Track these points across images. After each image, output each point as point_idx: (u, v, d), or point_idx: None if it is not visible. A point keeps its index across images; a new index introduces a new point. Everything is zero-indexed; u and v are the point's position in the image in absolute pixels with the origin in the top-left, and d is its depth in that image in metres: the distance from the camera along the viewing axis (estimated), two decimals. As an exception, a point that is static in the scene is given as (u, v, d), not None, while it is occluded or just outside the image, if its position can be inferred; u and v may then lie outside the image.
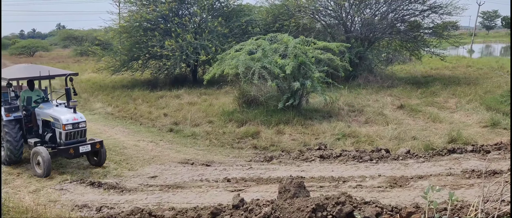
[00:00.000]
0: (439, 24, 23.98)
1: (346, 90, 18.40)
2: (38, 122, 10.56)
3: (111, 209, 7.39)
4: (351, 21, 24.06)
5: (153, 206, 7.21)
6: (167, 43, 22.16)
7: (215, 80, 18.54)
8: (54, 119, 10.01)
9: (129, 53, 23.93)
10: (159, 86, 23.56)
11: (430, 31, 24.58)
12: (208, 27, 23.46)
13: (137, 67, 24.90)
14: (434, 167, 8.94)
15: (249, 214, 5.77)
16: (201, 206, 6.51)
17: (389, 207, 5.62)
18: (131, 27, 24.03)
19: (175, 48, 22.08)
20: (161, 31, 23.45)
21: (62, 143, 9.90)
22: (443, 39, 24.45)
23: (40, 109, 10.55)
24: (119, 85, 24.34)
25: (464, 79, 22.46)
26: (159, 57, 23.34)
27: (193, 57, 22.20)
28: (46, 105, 10.64)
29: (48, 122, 10.31)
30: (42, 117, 10.43)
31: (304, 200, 5.87)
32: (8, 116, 10.24)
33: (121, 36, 24.93)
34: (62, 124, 9.81)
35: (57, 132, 10.01)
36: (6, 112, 10.24)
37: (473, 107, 15.51)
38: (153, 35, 23.15)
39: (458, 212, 5.26)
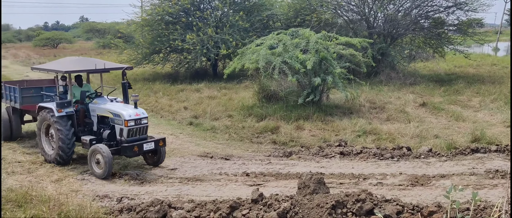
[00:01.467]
0: (464, 21, 23.48)
1: (368, 87, 18.21)
2: (92, 118, 10.03)
3: (132, 200, 7.47)
4: (374, 17, 23.77)
5: (172, 198, 7.26)
6: (188, 37, 22.26)
7: (235, 75, 18.55)
8: (114, 114, 9.46)
9: (150, 46, 24.12)
10: (180, 79, 23.71)
11: (454, 28, 24.10)
12: (229, 21, 23.47)
13: (158, 60, 25.09)
14: (456, 166, 8.78)
15: (268, 209, 5.75)
16: (220, 199, 6.53)
17: (410, 205, 5.54)
18: (153, 21, 24.21)
19: (196, 42, 22.17)
20: (183, 24, 23.56)
21: (124, 140, 9.29)
22: (468, 36, 23.95)
23: (95, 104, 10.00)
24: (140, 78, 24.57)
25: (488, 78, 22.00)
26: (180, 51, 23.47)
27: (214, 51, 22.26)
28: (101, 100, 10.14)
29: (105, 118, 9.81)
30: (99, 112, 9.88)
31: (324, 196, 5.84)
32: (60, 112, 9.69)
33: (143, 29, 25.14)
34: (124, 120, 9.21)
35: (117, 128, 9.45)
36: (58, 107, 9.68)
37: (497, 106, 15.18)
38: (174, 29, 23.28)
39: (481, 212, 5.16)
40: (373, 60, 18.81)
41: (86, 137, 9.74)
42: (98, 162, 9.08)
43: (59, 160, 9.77)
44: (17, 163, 10.04)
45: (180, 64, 25.06)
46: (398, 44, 24.62)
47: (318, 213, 5.45)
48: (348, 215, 5.37)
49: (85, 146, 9.72)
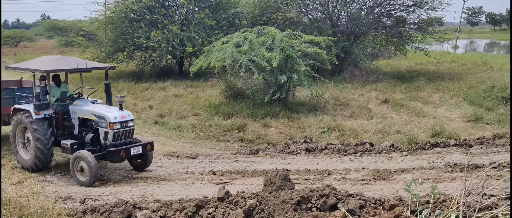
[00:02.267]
0: (424, 19, 24.18)
1: (332, 85, 18.50)
2: (73, 121, 9.43)
3: (95, 201, 7.35)
4: (337, 15, 24.14)
5: (137, 198, 7.19)
6: (153, 35, 22.00)
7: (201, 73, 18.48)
8: (98, 116, 8.91)
9: (114, 45, 23.72)
10: (145, 78, 23.41)
11: (415, 26, 24.78)
12: (195, 19, 23.34)
13: (122, 58, 24.70)
14: (417, 161, 9.05)
15: (234, 206, 5.77)
16: (186, 198, 6.51)
17: (372, 199, 5.67)
18: (117, 18, 23.81)
19: (161, 40, 21.93)
20: (147, 22, 23.27)
21: (109, 144, 8.78)
22: (428, 34, 24.67)
23: (76, 106, 9.39)
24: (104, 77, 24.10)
25: (448, 75, 22.72)
26: (145, 48, 23.17)
27: (180, 49, 22.09)
28: (82, 102, 9.53)
29: (87, 121, 9.25)
30: (80, 114, 9.27)
31: (289, 192, 5.90)
32: (38, 114, 8.99)
33: (106, 27, 24.69)
34: (109, 123, 8.72)
35: (101, 131, 8.90)
36: (36, 109, 9.01)
37: (456, 102, 15.71)
38: (139, 27, 22.95)
39: (440, 205, 5.34)
40: (337, 58, 19.12)
41: (66, 141, 9.10)
42: (82, 170, 8.51)
43: (37, 165, 9.11)
44: (-25, 166, 9.70)
45: (145, 62, 24.73)
46: (361, 42, 25.11)
47: (284, 209, 5.52)
48: (313, 210, 5.46)
49: (65, 150, 9.15)
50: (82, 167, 8.49)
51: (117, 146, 8.76)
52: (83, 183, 8.45)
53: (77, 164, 8.57)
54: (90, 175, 8.36)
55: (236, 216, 5.49)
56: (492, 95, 15.31)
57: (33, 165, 9.17)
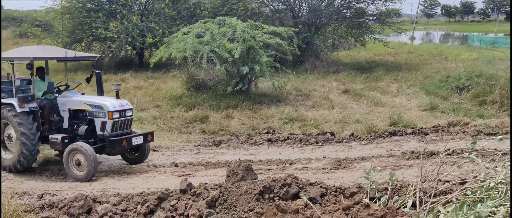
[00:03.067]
0: (383, 11, 24.71)
1: (294, 75, 18.65)
2: (62, 113, 8.89)
3: (53, 196, 7.16)
4: (299, 6, 24.29)
5: (97, 192, 7.05)
6: (111, 25, 21.47)
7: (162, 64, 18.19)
8: (94, 106, 8.46)
9: (71, 35, 23.01)
10: (104, 69, 22.81)
11: (374, 18, 25.29)
12: (155, 9, 22.93)
13: (80, 50, 23.94)
14: (376, 149, 9.29)
15: (197, 198, 5.76)
16: (148, 191, 6.44)
17: (333, 187, 5.78)
18: (74, 8, 23.07)
19: (120, 31, 21.44)
20: (106, 12, 22.67)
21: (107, 135, 8.31)
22: (386, 26, 25.23)
23: (65, 98, 8.89)
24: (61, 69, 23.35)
25: (405, 65, 23.33)
26: (104, 39, 22.59)
27: (139, 40, 21.66)
28: (71, 93, 9.04)
29: (79, 112, 8.78)
30: (71, 106, 8.79)
31: (252, 182, 5.93)
32: (23, 107, 8.35)
33: (63, 17, 23.86)
34: (107, 111, 8.26)
35: (97, 122, 8.46)
36: (21, 102, 8.36)
37: (413, 92, 16.18)
38: (97, 17, 22.33)
39: (398, 191, 5.51)
40: (299, 49, 19.28)
41: (56, 135, 8.52)
42: (79, 163, 8.05)
43: (21, 164, 8.49)
44: None
45: (103, 53, 24.09)
46: (322, 33, 25.39)
47: (247, 199, 5.55)
48: (275, 200, 5.51)
49: (54, 145, 8.58)
50: (79, 160, 8.05)
51: (116, 137, 8.31)
52: (80, 177, 8.00)
53: (72, 158, 8.10)
54: (88, 169, 7.92)
55: (198, 208, 5.48)
56: (447, 85, 15.85)
57: (16, 164, 8.50)
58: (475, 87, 14.49)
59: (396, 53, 29.26)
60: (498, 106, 12.93)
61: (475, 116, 12.27)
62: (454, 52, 28.83)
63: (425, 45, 40.17)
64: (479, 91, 14.10)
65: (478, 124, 11.19)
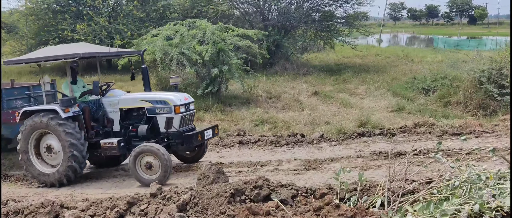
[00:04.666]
0: (351, 14, 25.13)
1: (264, 78, 18.71)
2: (110, 115, 8.20)
3: (19, 203, 6.96)
4: (268, 9, 24.42)
5: (65, 198, 6.89)
6: (78, 27, 21.08)
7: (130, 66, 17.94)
8: (156, 102, 7.88)
9: (37, 37, 22.49)
10: (71, 72, 22.36)
11: (342, 21, 25.68)
12: (123, 10, 22.65)
13: (46, 52, 23.42)
14: (345, 150, 9.41)
15: (167, 202, 5.70)
16: (117, 196, 6.33)
17: (304, 189, 5.83)
18: (39, 9, 22.56)
19: (88, 32, 21.08)
20: (72, 14, 22.25)
21: (175, 132, 7.77)
22: (354, 28, 25.66)
23: (112, 97, 8.23)
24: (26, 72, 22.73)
25: (373, 67, 23.76)
26: (70, 41, 22.13)
27: (107, 42, 21.33)
28: (117, 92, 8.44)
29: (133, 111, 8.16)
30: (124, 105, 8.13)
31: (223, 185, 5.92)
32: (67, 111, 7.63)
33: (27, 18, 23.30)
34: (174, 106, 7.71)
35: (160, 119, 7.86)
36: (64, 106, 7.65)
37: (381, 93, 16.47)
38: (63, 18, 21.88)
39: (367, 191, 5.59)
40: (268, 52, 19.37)
41: (109, 140, 7.89)
42: (150, 166, 7.46)
43: (69, 178, 7.77)
44: None
45: (70, 56, 23.63)
46: (292, 36, 25.60)
47: (218, 202, 5.53)
48: (247, 202, 5.51)
49: (109, 151, 7.86)
50: (150, 163, 7.45)
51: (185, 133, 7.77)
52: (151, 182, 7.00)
53: (141, 161, 7.50)
54: (163, 170, 7.34)
55: (169, 212, 5.43)
56: (413, 87, 16.22)
57: (63, 178, 7.78)
58: (440, 89, 14.86)
59: (364, 55, 29.77)
60: (462, 107, 13.31)
61: (441, 117, 12.59)
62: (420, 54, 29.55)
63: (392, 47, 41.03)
64: (444, 93, 14.47)
65: (443, 124, 11.48)
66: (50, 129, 7.70)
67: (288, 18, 23.83)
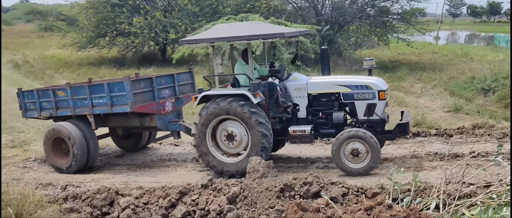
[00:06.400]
0: (407, 10, 24.35)
1: (315, 73, 18.53)
2: (296, 100, 7.71)
3: (77, 188, 7.29)
4: (322, 4, 24.14)
5: (120, 185, 7.13)
6: (135, 21, 21.72)
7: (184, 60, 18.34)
8: (355, 87, 7.39)
9: (95, 30, 23.37)
10: (127, 64, 23.13)
11: (398, 17, 24.94)
12: (178, 5, 23.09)
13: (104, 44, 24.35)
14: (399, 150, 9.15)
15: (218, 193, 5.78)
16: (169, 185, 6.48)
17: (355, 187, 5.74)
18: (98, 3, 23.43)
19: (144, 26, 21.67)
20: (130, 7, 22.95)
21: (378, 119, 7.36)
22: (411, 25, 24.87)
23: (298, 81, 7.68)
24: (85, 63, 23.76)
25: (429, 65, 22.97)
26: (127, 34, 22.88)
27: (162, 36, 21.85)
28: (301, 76, 7.88)
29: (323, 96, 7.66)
30: (314, 90, 7.61)
31: (273, 180, 5.93)
32: (258, 96, 7.20)
33: (87, 11, 24.26)
34: (378, 91, 7.25)
35: (358, 105, 7.38)
36: (254, 91, 7.19)
37: (437, 92, 15.90)
38: (121, 12, 22.63)
39: (421, 193, 5.43)
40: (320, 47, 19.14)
41: (300, 127, 7.42)
42: (357, 154, 7.06)
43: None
44: (-48, 151, 9.49)
45: (127, 48, 24.44)
46: (345, 31, 25.19)
47: (267, 196, 5.55)
48: (296, 198, 5.50)
49: (299, 139, 7.47)
50: (357, 149, 7.04)
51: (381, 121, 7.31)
52: (357, 170, 7.03)
53: (346, 147, 7.10)
54: (372, 159, 6.98)
55: (219, 203, 5.51)
56: (472, 86, 15.54)
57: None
58: (501, 89, 14.17)
59: (420, 53, 28.84)
60: (525, 109, 12.62)
61: (501, 118, 11.98)
62: (480, 53, 28.25)
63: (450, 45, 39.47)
64: (505, 94, 13.77)
65: (503, 126, 10.92)
66: (238, 116, 7.24)
67: (341, 13, 23.45)
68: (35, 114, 8.98)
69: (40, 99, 8.78)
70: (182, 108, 9.19)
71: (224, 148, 7.63)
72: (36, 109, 8.87)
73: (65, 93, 8.50)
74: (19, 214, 5.46)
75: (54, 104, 8.60)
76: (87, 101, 8.30)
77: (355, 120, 7.54)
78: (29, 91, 9.10)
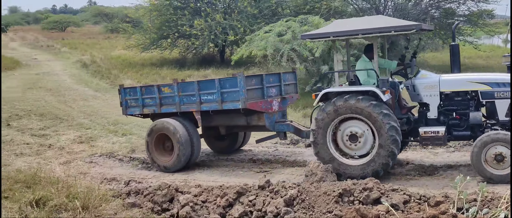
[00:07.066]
0: (475, 12, 23.22)
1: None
2: (425, 99, 7.22)
3: (139, 184, 7.53)
4: (384, 5, 23.55)
5: (179, 182, 7.31)
6: (196, 23, 22.19)
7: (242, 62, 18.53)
8: (497, 84, 6.92)
9: (158, 32, 24.09)
10: (187, 65, 23.69)
11: (464, 19, 23.85)
12: (238, 7, 23.34)
13: (166, 45, 25.07)
14: (464, 157, 8.73)
15: (275, 195, 5.78)
16: (227, 185, 6.56)
17: (417, 195, 5.53)
18: (161, 5, 24.15)
19: (204, 28, 22.09)
20: (191, 10, 23.49)
21: None
22: (478, 27, 23.70)
23: (427, 79, 7.26)
24: (148, 63, 24.59)
25: (498, 69, 21.76)
26: (188, 36, 23.41)
27: (222, 38, 22.18)
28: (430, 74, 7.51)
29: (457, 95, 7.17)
30: (446, 88, 7.13)
31: (331, 184, 5.85)
32: (387, 93, 6.91)
33: (151, 14, 25.08)
34: None
35: (499, 105, 6.87)
36: (384, 87, 6.93)
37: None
38: (183, 14, 23.21)
39: (488, 203, 5.15)
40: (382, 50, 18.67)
41: (430, 129, 6.96)
42: (501, 159, 6.41)
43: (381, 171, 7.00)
44: (26, 145, 10.13)
45: (187, 49, 25.02)
46: (408, 34, 24.41)
47: (325, 201, 5.47)
48: (355, 203, 5.38)
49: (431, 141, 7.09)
50: (501, 154, 6.40)
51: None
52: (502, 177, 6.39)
53: (487, 152, 6.50)
54: None
55: (276, 205, 5.49)
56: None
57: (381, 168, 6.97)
58: None
59: (488, 56, 27.43)
60: None
61: None
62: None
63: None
64: None
65: None
66: (367, 116, 6.83)
67: (404, 15, 22.74)
68: (136, 111, 9.08)
69: (143, 96, 8.85)
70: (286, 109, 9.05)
71: (343, 148, 7.23)
72: (138, 105, 8.96)
73: (171, 89, 8.51)
74: (85, 206, 5.72)
75: (158, 101, 8.63)
76: (195, 98, 8.25)
77: (492, 122, 7.01)
78: (131, 88, 9.26)
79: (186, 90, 8.41)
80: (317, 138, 7.20)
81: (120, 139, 10.92)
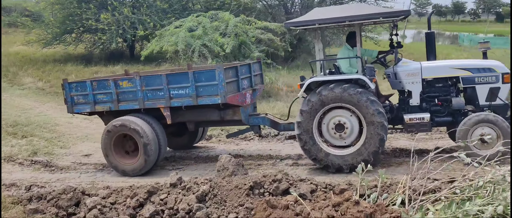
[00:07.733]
0: (375, 8, 24.76)
1: (285, 71, 18.62)
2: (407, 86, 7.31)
3: (42, 188, 7.11)
4: (291, 2, 24.29)
5: (86, 185, 7.01)
6: (102, 17, 21.27)
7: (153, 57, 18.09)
8: (476, 70, 7.03)
9: (61, 26, 22.76)
10: (94, 61, 22.66)
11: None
12: (147, 1, 22.76)
13: (70, 41, 23.77)
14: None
15: (187, 192, 5.75)
16: (137, 184, 6.40)
17: (323, 184, 5.80)
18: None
19: (111, 22, 21.25)
20: (97, 3, 22.47)
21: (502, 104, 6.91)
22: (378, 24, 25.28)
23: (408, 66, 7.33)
24: (50, 60, 23.16)
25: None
26: (94, 31, 22.38)
27: (130, 32, 21.50)
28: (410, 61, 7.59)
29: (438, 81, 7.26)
30: (429, 74, 7.21)
31: (242, 178, 5.94)
32: (374, 81, 6.93)
33: (53, 7, 23.60)
34: (503, 74, 6.87)
35: (480, 90, 7.01)
36: (371, 75, 6.90)
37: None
38: (88, 8, 22.12)
39: (387, 189, 5.53)
40: (290, 46, 19.27)
41: (417, 115, 7.04)
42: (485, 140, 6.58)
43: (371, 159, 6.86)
44: None
45: (94, 45, 23.93)
46: (315, 29, 25.39)
47: (237, 194, 5.55)
48: (265, 195, 5.52)
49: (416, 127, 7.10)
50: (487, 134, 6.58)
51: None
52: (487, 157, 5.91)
53: (473, 134, 6.66)
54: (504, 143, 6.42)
55: (188, 202, 5.47)
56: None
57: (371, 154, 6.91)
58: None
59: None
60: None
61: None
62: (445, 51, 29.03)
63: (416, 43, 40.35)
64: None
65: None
66: (354, 104, 6.79)
67: (311, 11, 23.63)
68: (86, 108, 8.13)
69: (94, 91, 7.95)
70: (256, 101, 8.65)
71: (329, 138, 7.11)
72: (88, 102, 8.01)
73: (132, 83, 7.72)
74: (-20, 216, 5.29)
75: (115, 97, 7.81)
76: (162, 93, 7.59)
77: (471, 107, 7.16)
78: (79, 82, 8.29)
79: (152, 85, 7.69)
80: (303, 128, 7.06)
81: (20, 141, 10.22)
